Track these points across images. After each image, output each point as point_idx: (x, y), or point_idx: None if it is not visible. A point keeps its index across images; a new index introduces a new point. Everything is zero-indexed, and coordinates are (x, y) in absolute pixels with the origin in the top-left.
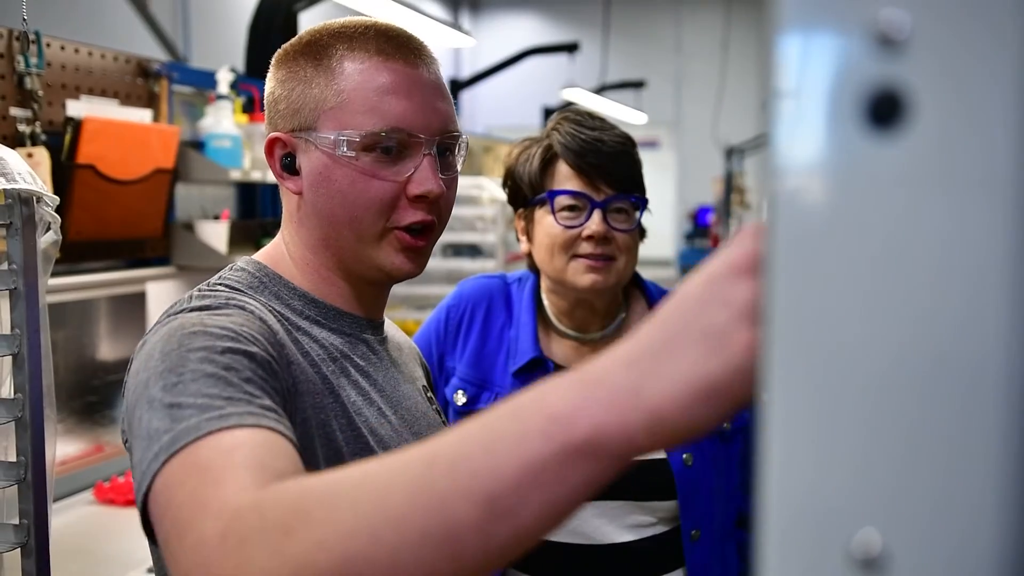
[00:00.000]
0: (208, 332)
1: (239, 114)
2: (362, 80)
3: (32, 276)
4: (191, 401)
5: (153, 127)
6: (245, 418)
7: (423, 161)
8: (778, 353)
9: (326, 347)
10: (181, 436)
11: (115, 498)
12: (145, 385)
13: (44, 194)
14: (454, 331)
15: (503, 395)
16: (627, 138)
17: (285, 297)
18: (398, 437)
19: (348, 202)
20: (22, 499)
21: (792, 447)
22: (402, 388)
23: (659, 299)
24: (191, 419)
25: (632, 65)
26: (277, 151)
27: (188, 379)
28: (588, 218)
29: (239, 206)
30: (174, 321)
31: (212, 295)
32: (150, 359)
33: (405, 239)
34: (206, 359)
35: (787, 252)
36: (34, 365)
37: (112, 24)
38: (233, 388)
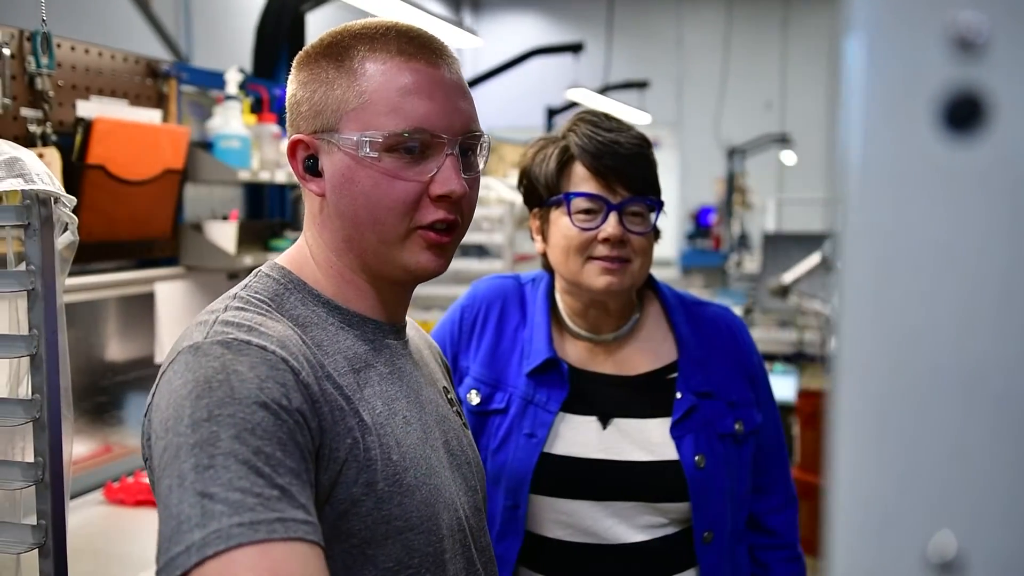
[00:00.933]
0: (235, 397)
1: (247, 114)
2: (384, 81)
3: (50, 277)
4: (223, 495)
5: (163, 127)
6: (275, 528)
7: (446, 161)
8: (849, 356)
9: (349, 358)
10: (212, 541)
11: (125, 498)
12: (175, 455)
13: (61, 195)
14: (468, 331)
15: (516, 395)
16: (643, 139)
17: (310, 305)
18: (422, 445)
19: (371, 203)
20: (40, 500)
21: (865, 450)
22: (424, 393)
23: (673, 301)
24: (222, 520)
25: (634, 65)
26: (299, 153)
27: (220, 464)
28: (604, 220)
29: (246, 206)
30: (199, 359)
31: (236, 321)
32: (179, 422)
33: (430, 236)
34: (237, 437)
35: (858, 258)
36: (52, 366)
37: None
38: (264, 480)
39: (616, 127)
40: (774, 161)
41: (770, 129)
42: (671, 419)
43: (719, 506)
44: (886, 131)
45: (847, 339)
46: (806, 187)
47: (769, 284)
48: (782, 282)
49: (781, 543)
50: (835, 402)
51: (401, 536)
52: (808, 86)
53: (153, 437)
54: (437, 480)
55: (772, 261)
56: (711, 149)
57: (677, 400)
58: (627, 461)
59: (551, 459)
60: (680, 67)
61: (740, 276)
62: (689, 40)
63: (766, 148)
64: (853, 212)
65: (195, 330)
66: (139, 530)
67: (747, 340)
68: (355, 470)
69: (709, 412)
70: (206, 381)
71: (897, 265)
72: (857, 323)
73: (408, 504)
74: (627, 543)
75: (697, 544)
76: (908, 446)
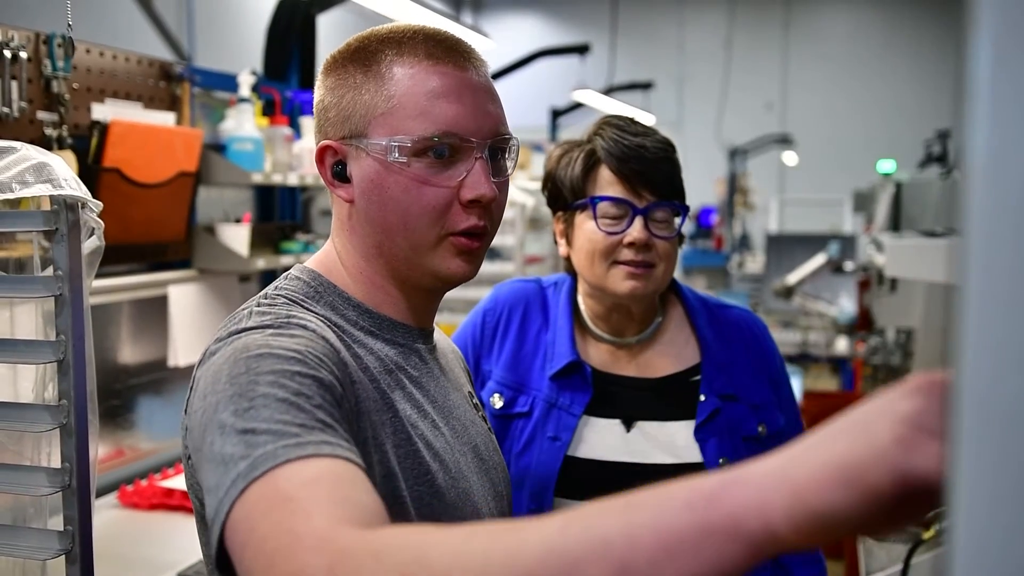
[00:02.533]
0: (275, 355)
1: (259, 117)
2: (412, 85)
3: (77, 282)
4: (265, 427)
5: (177, 130)
6: (322, 447)
7: (475, 165)
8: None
9: (381, 359)
10: (259, 463)
11: (139, 502)
12: (215, 409)
13: (88, 200)
14: (491, 335)
15: (540, 398)
16: (668, 144)
17: (340, 308)
18: (451, 449)
19: (401, 209)
20: (66, 505)
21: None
22: (452, 398)
23: (695, 304)
24: (267, 445)
25: (635, 66)
26: (328, 159)
27: (260, 404)
28: (629, 225)
29: (257, 209)
30: (238, 341)
31: (272, 311)
32: (217, 382)
33: (461, 243)
34: (275, 383)
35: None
36: (79, 371)
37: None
38: (305, 414)
39: (642, 131)
40: (775, 161)
41: (771, 130)
42: (695, 422)
43: None
44: (1016, 133)
45: (971, 346)
46: (807, 188)
47: (773, 285)
48: (787, 283)
49: None
50: (954, 451)
51: None
52: (809, 87)
53: (191, 414)
54: (466, 484)
55: (775, 261)
56: (712, 150)
57: (701, 403)
58: (652, 464)
59: (575, 462)
60: (681, 68)
61: (742, 277)
62: (691, 41)
63: (767, 149)
64: (978, 212)
65: (230, 324)
66: (155, 533)
67: (769, 342)
68: (384, 467)
69: (732, 415)
70: (244, 348)
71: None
72: (984, 339)
73: (437, 506)
74: None
75: None
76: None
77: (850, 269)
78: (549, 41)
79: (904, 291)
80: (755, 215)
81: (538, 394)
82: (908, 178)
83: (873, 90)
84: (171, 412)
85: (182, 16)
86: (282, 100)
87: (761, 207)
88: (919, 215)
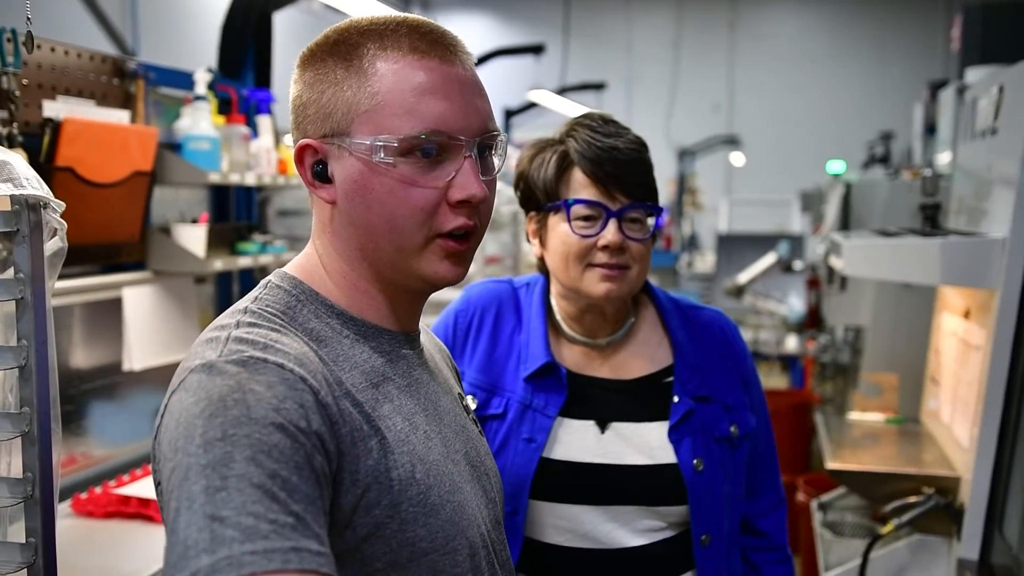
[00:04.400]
0: (252, 417)
1: (215, 115)
2: (397, 80)
3: (39, 285)
4: (235, 519)
5: (132, 128)
6: (290, 558)
7: (464, 164)
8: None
9: (366, 372)
10: (221, 568)
11: (94, 510)
12: (184, 475)
13: (51, 200)
14: (463, 336)
15: (514, 400)
16: (641, 143)
17: (324, 316)
18: (444, 461)
19: (387, 211)
20: (29, 516)
21: None
22: (442, 403)
23: (668, 305)
24: (232, 546)
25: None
26: (307, 159)
27: (233, 486)
28: (603, 227)
29: (212, 209)
30: (213, 379)
31: (250, 338)
32: (190, 440)
33: (449, 245)
34: (252, 459)
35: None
36: (42, 378)
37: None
38: (279, 507)
39: (614, 132)
40: (723, 162)
41: (718, 131)
42: (668, 423)
43: (717, 509)
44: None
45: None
46: (754, 188)
47: (724, 284)
48: (737, 282)
49: (772, 545)
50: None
51: (426, 558)
52: (755, 88)
53: (162, 459)
54: (460, 496)
55: (726, 261)
56: (662, 150)
57: (674, 404)
58: (626, 465)
59: (550, 464)
60: (630, 69)
61: (691, 276)
62: (639, 42)
63: (715, 149)
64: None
65: (206, 348)
66: (112, 543)
67: (740, 343)
68: (377, 492)
69: (706, 416)
70: (220, 399)
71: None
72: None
73: (433, 524)
74: (626, 547)
75: (695, 547)
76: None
77: (799, 268)
78: (500, 41)
79: (854, 290)
80: (703, 215)
81: (512, 395)
82: (857, 179)
83: (818, 92)
84: (125, 417)
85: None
86: (239, 98)
87: (709, 207)
88: (867, 215)
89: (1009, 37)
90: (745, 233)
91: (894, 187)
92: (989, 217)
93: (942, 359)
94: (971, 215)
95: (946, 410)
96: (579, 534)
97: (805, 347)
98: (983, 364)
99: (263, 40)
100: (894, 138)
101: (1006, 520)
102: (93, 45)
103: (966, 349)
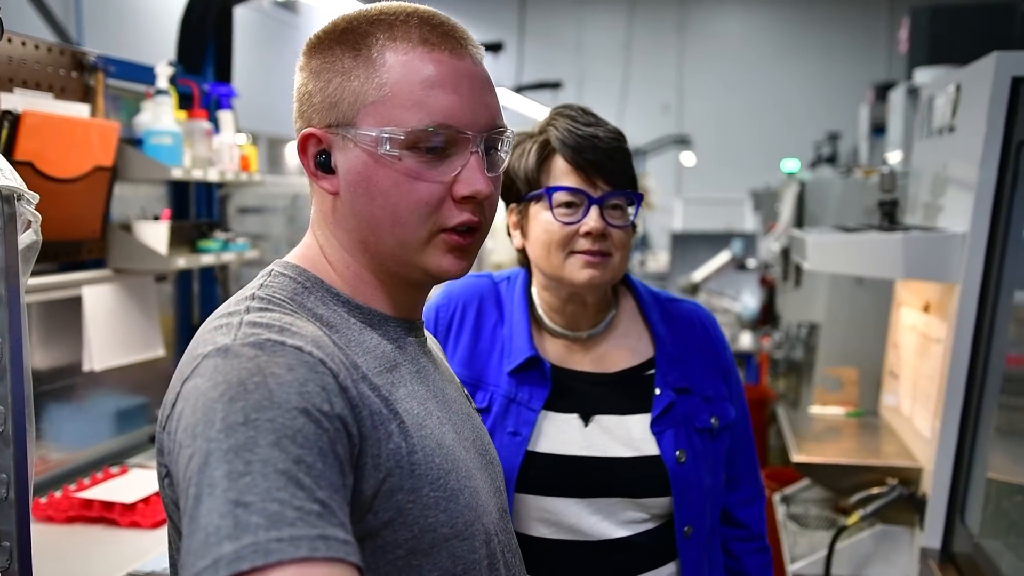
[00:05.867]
0: (274, 401)
1: (176, 110)
2: (406, 72)
3: (14, 279)
4: (260, 505)
5: (93, 122)
6: (317, 546)
7: (470, 160)
8: None
9: (379, 357)
10: (246, 555)
11: (55, 515)
12: (205, 460)
13: (25, 191)
14: (444, 331)
15: (498, 394)
16: (619, 133)
17: (330, 303)
18: (457, 447)
19: (391, 204)
20: (3, 520)
21: None
22: (448, 392)
23: (647, 297)
24: (258, 533)
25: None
26: (311, 148)
27: (257, 471)
28: (585, 214)
29: (171, 206)
30: (229, 365)
31: (264, 322)
32: (209, 425)
33: (453, 239)
34: (275, 444)
35: None
36: (16, 376)
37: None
38: (304, 493)
39: (593, 121)
40: (673, 162)
41: (669, 131)
42: (651, 415)
43: (699, 500)
44: None
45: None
46: (703, 187)
47: (679, 282)
48: (692, 280)
49: (751, 535)
50: None
51: (447, 544)
52: (704, 89)
53: (176, 447)
54: (475, 483)
55: (680, 259)
56: None
57: (656, 396)
58: (610, 457)
59: (535, 457)
60: (581, 69)
61: (644, 275)
62: (590, 43)
63: (666, 149)
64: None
65: (216, 334)
66: (75, 548)
67: (719, 335)
68: (399, 476)
69: (687, 407)
70: (240, 383)
71: None
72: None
73: (453, 509)
74: (610, 539)
75: (678, 538)
76: None
77: (752, 266)
78: None
79: (808, 286)
80: (654, 215)
81: (496, 389)
82: (811, 177)
83: (765, 93)
84: (85, 419)
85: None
86: (200, 93)
87: (660, 207)
88: (821, 213)
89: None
90: (698, 232)
91: (847, 185)
92: (945, 213)
93: (901, 353)
94: (927, 211)
95: (906, 403)
96: (564, 527)
97: (760, 344)
98: (944, 357)
99: (224, 34)
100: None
101: (967, 509)
102: (33, 35)
103: (926, 342)
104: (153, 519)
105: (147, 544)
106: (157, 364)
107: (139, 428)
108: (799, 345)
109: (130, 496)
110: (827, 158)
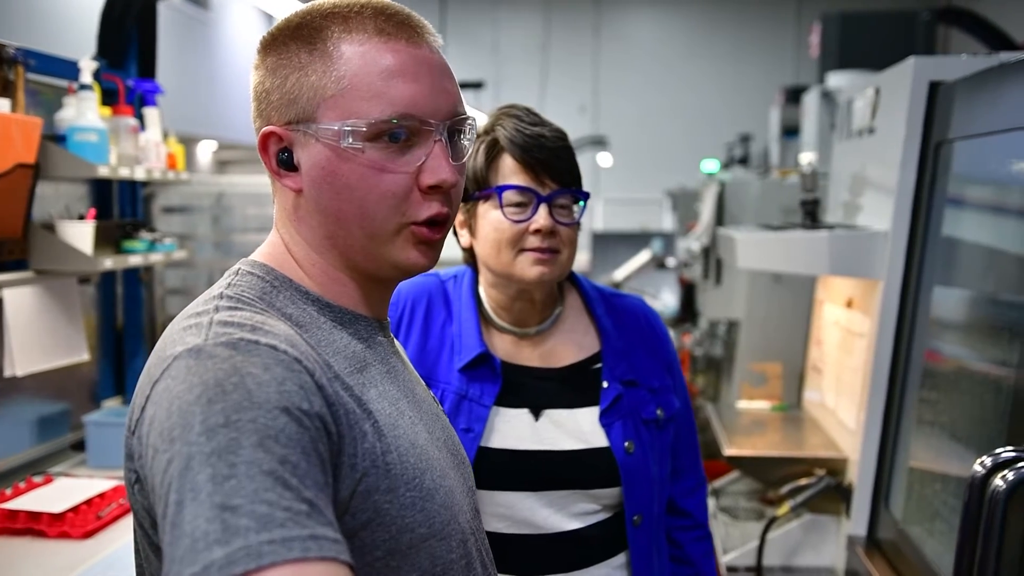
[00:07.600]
0: (254, 401)
1: (100, 106)
2: (363, 64)
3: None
4: (247, 507)
5: (14, 118)
6: (309, 546)
7: (434, 148)
8: None
9: (349, 357)
10: (238, 559)
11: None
12: (186, 464)
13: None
14: (394, 329)
15: (450, 391)
16: (563, 133)
17: (300, 302)
18: (431, 446)
19: (357, 198)
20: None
21: None
22: (417, 391)
23: (592, 293)
24: (249, 536)
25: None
26: (272, 146)
27: (242, 473)
28: (534, 212)
29: (94, 205)
30: (204, 363)
31: (236, 321)
32: (188, 428)
33: (422, 233)
34: (259, 445)
35: None
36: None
37: None
38: (292, 494)
39: (538, 121)
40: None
41: (586, 132)
42: (599, 408)
43: (647, 490)
44: None
45: None
46: (621, 188)
47: (601, 281)
48: (614, 279)
49: (695, 523)
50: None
51: (425, 544)
52: (619, 90)
53: (148, 452)
54: (449, 482)
55: (600, 258)
56: None
57: (604, 389)
58: (561, 451)
59: (488, 452)
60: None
61: None
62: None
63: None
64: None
65: (186, 334)
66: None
67: (662, 329)
68: (375, 476)
69: (634, 399)
70: (217, 384)
71: None
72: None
73: (430, 509)
74: (563, 531)
75: (628, 528)
76: None
77: (672, 265)
78: None
79: (728, 284)
80: None
81: (447, 387)
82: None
83: (679, 95)
84: (5, 426)
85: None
86: (125, 89)
87: None
88: (740, 212)
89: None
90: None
91: (765, 186)
92: (865, 212)
93: (824, 348)
94: (847, 210)
95: (831, 396)
96: (517, 520)
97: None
98: (868, 351)
99: (147, 29)
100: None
101: (891, 497)
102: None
103: (850, 337)
104: (84, 528)
105: (82, 554)
106: (80, 368)
107: (62, 435)
108: (719, 342)
109: (58, 506)
110: (739, 159)
